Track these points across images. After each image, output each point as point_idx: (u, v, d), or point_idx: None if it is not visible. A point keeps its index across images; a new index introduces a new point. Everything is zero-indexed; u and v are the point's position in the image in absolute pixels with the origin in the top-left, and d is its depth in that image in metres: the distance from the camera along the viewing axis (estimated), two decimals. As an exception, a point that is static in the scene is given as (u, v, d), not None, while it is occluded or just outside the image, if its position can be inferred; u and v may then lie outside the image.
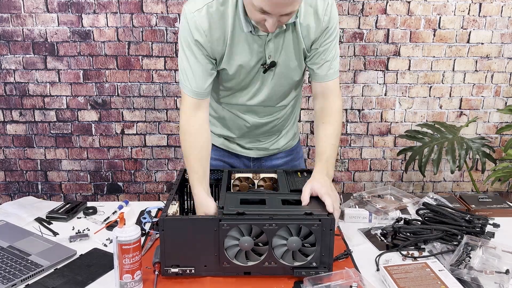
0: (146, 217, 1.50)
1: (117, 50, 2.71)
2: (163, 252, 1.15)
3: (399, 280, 1.12)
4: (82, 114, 2.81)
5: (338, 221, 1.37)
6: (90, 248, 1.33)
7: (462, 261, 1.19)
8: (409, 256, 1.28)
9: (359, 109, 2.86)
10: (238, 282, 1.16)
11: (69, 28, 2.67)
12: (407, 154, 2.73)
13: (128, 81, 2.76)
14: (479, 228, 1.36)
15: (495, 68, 2.81)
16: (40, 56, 2.71)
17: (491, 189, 3.02)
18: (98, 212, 1.58)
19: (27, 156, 2.87)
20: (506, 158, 2.50)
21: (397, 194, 1.67)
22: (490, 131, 2.92)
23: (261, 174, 1.49)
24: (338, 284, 1.10)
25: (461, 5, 2.70)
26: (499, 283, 1.13)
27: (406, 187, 3.02)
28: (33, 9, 2.63)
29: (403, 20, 2.72)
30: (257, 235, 1.13)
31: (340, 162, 2.94)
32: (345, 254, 1.29)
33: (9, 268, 1.19)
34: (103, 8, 2.64)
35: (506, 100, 2.87)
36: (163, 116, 2.83)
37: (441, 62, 2.79)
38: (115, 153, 2.88)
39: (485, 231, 1.36)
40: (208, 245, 1.14)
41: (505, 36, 2.75)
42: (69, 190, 2.94)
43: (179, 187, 1.41)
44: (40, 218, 1.52)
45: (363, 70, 2.79)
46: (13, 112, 2.79)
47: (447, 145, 2.40)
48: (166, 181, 2.96)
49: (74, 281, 1.16)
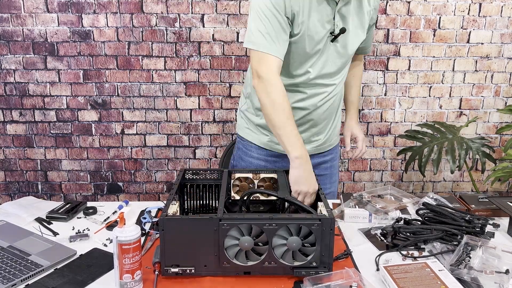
0: (146, 217, 1.50)
1: (117, 50, 2.71)
2: (163, 252, 1.16)
3: (399, 280, 1.12)
4: (82, 114, 2.81)
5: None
6: (90, 248, 1.33)
7: (462, 261, 1.19)
8: (409, 256, 1.28)
9: (359, 109, 2.86)
10: (238, 282, 1.16)
11: (69, 28, 2.67)
12: (407, 154, 2.73)
13: (128, 81, 2.76)
14: (479, 228, 1.36)
15: (495, 68, 2.81)
16: (40, 56, 2.71)
17: (491, 189, 3.02)
18: (98, 212, 1.58)
19: (27, 156, 2.87)
20: (506, 158, 2.50)
21: (397, 194, 1.67)
22: (490, 131, 2.92)
23: (261, 174, 1.49)
24: (338, 284, 1.10)
25: (461, 5, 2.70)
26: (499, 283, 1.13)
27: (406, 187, 3.02)
28: (33, 9, 2.63)
29: (403, 20, 2.72)
30: (257, 234, 1.14)
31: (340, 162, 2.94)
32: (345, 254, 1.29)
33: (9, 268, 1.19)
34: (103, 8, 2.64)
35: (506, 100, 2.87)
36: (163, 116, 2.83)
37: (441, 62, 2.79)
38: (115, 153, 2.88)
39: (485, 231, 1.36)
40: (208, 245, 1.14)
41: (505, 36, 2.75)
42: (69, 190, 2.94)
43: (179, 187, 1.41)
44: (40, 218, 1.52)
45: (363, 70, 2.79)
46: (13, 112, 2.79)
47: (447, 145, 2.40)
48: (166, 181, 2.96)
49: (74, 281, 1.16)
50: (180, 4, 2.64)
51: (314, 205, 1.36)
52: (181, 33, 2.69)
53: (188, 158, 2.91)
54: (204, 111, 2.83)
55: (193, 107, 2.82)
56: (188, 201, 1.49)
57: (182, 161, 2.92)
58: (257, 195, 1.43)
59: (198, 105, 2.81)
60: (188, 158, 2.91)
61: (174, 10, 2.65)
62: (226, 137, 2.88)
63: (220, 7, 2.65)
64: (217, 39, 2.70)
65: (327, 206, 1.21)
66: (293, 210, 1.33)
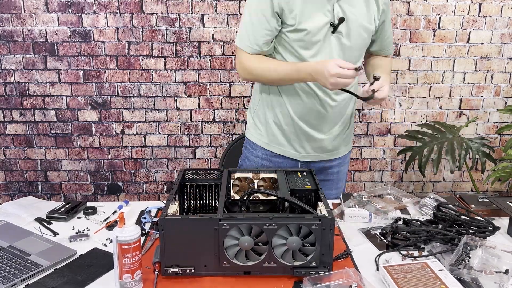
0: (146, 217, 1.50)
1: (117, 50, 2.71)
2: (163, 252, 1.16)
3: (399, 280, 1.12)
4: (82, 114, 2.81)
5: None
6: (90, 248, 1.33)
7: (462, 261, 1.19)
8: (409, 256, 1.28)
9: (359, 109, 2.86)
10: (238, 282, 1.16)
11: (69, 28, 2.67)
12: (407, 154, 2.73)
13: (128, 81, 2.77)
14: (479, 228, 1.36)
15: (495, 68, 2.81)
16: (40, 56, 2.71)
17: (491, 189, 3.02)
18: (98, 212, 1.58)
19: (27, 156, 2.87)
20: (506, 158, 2.50)
21: (397, 194, 1.67)
22: (490, 131, 2.92)
23: (261, 174, 1.49)
24: (338, 284, 1.10)
25: (461, 5, 2.70)
26: (499, 283, 1.13)
27: (406, 187, 3.02)
28: (33, 9, 2.63)
29: (403, 20, 2.72)
30: (257, 234, 1.14)
31: (340, 162, 2.94)
32: (345, 254, 1.29)
33: (9, 268, 1.19)
34: (103, 8, 2.64)
35: (506, 100, 2.87)
36: (163, 116, 2.83)
37: (441, 62, 2.79)
38: (115, 153, 2.88)
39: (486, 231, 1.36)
40: (208, 245, 1.14)
41: (505, 36, 2.75)
42: (69, 190, 2.94)
43: (179, 187, 1.41)
44: (40, 218, 1.52)
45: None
46: (13, 112, 2.79)
47: (447, 145, 2.40)
48: (166, 181, 2.96)
49: (74, 281, 1.16)
50: (180, 4, 2.64)
51: (314, 205, 1.36)
52: (181, 33, 2.69)
53: (188, 158, 2.91)
54: (204, 111, 2.83)
55: (193, 107, 2.82)
56: (188, 201, 1.48)
57: (182, 161, 2.92)
58: (257, 195, 1.43)
59: (198, 105, 2.81)
60: (188, 158, 2.91)
61: (174, 10, 2.65)
62: (226, 137, 2.88)
63: (220, 7, 2.65)
64: (217, 39, 2.70)
65: (327, 206, 1.21)
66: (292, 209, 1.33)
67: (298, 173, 1.48)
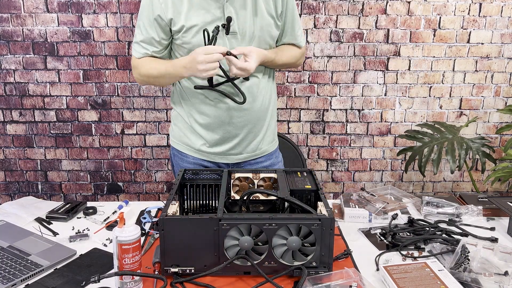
0: (146, 217, 1.50)
1: (117, 50, 2.71)
2: (163, 252, 1.16)
3: (399, 280, 1.12)
4: (82, 114, 2.81)
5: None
6: (90, 248, 1.33)
7: (461, 264, 1.19)
8: (409, 256, 1.28)
9: (359, 109, 2.86)
10: (238, 282, 1.16)
11: (69, 28, 2.67)
12: (407, 154, 2.73)
13: (128, 81, 2.76)
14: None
15: (495, 68, 2.81)
16: (40, 56, 2.71)
17: (491, 189, 3.02)
18: (98, 212, 1.58)
19: (27, 156, 2.87)
20: (506, 158, 2.51)
21: (397, 194, 1.67)
22: (490, 131, 2.92)
23: (261, 174, 1.49)
24: (338, 284, 1.10)
25: (461, 5, 2.70)
26: (499, 283, 1.13)
27: (406, 187, 3.02)
28: (33, 9, 2.63)
29: (403, 20, 2.72)
30: (257, 234, 1.14)
31: (340, 162, 2.94)
32: (345, 254, 1.29)
33: (9, 268, 1.19)
34: (103, 8, 2.64)
35: (506, 100, 2.87)
36: (163, 116, 2.83)
37: (441, 62, 2.79)
38: (115, 153, 2.88)
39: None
40: (208, 245, 1.14)
41: (505, 36, 2.75)
42: (69, 190, 2.94)
43: (179, 187, 1.41)
44: (40, 218, 1.52)
45: (363, 70, 2.79)
46: (13, 112, 2.79)
47: (447, 145, 2.40)
48: (166, 181, 2.96)
49: (74, 281, 1.16)
50: (180, 4, 2.64)
51: (314, 205, 1.36)
52: (181, 33, 2.68)
53: (188, 158, 2.91)
54: (204, 111, 2.82)
55: (193, 107, 2.81)
56: (188, 201, 1.48)
57: (182, 161, 2.91)
58: (257, 195, 1.43)
59: (198, 105, 2.81)
60: (188, 158, 2.91)
61: (174, 10, 2.65)
62: (226, 137, 2.88)
63: (220, 7, 2.65)
64: (217, 39, 2.70)
65: (327, 206, 1.21)
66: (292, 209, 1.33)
67: (298, 173, 1.48)
